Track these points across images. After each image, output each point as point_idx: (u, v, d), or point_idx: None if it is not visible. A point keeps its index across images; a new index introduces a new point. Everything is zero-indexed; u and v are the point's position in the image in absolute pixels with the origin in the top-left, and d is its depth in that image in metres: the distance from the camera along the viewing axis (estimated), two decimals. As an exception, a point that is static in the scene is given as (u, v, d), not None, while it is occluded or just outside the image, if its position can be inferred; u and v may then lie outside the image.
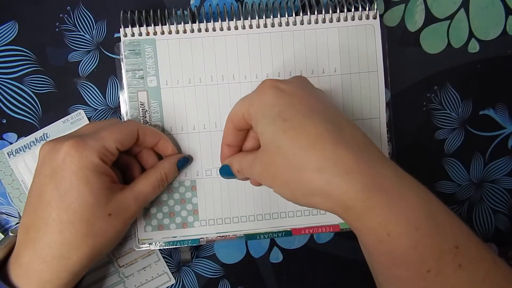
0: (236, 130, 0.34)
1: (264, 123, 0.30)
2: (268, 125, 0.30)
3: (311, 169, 0.28)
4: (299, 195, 0.29)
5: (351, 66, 0.39)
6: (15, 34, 0.40)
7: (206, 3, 0.40)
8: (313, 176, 0.28)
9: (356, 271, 0.42)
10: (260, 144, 0.31)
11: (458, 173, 0.42)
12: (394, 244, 0.27)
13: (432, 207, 0.28)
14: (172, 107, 0.39)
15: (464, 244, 0.27)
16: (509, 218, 0.43)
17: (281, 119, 0.29)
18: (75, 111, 0.40)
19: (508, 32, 0.41)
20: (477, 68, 0.42)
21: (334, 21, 0.38)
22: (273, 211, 0.39)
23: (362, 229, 0.28)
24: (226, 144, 0.36)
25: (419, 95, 0.41)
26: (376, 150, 0.30)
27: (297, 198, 0.30)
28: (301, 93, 0.31)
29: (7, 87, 0.40)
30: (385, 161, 0.29)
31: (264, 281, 0.41)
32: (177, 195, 0.39)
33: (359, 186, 0.27)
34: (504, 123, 0.42)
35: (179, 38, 0.38)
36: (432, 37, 0.41)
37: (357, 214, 0.27)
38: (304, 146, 0.28)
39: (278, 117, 0.29)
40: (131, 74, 0.38)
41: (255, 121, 0.31)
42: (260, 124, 0.30)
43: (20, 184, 0.39)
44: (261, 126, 0.30)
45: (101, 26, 0.40)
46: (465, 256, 0.26)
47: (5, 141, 0.40)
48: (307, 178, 0.28)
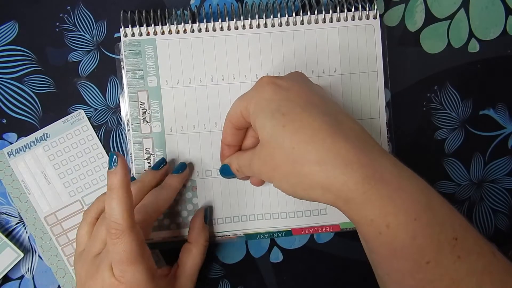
0: (235, 129, 0.34)
1: (262, 118, 0.30)
2: (267, 120, 0.30)
3: (310, 162, 0.28)
4: (299, 189, 0.29)
5: (351, 66, 0.39)
6: (15, 34, 0.40)
7: (206, 3, 0.40)
8: (312, 169, 0.28)
9: (356, 271, 0.42)
10: (258, 142, 0.32)
11: (458, 173, 0.42)
12: (393, 236, 0.27)
13: (431, 199, 0.28)
14: (172, 107, 0.39)
15: (463, 235, 0.27)
16: (509, 218, 0.43)
17: (279, 114, 0.29)
18: (75, 111, 0.40)
19: (508, 32, 0.41)
20: (477, 68, 0.42)
21: (334, 21, 0.38)
22: (273, 211, 0.39)
23: (362, 221, 0.28)
24: (226, 144, 0.36)
25: (419, 95, 0.41)
26: (374, 143, 0.30)
27: (297, 192, 0.30)
28: (298, 88, 0.31)
29: (7, 87, 0.40)
30: (384, 153, 0.29)
31: (264, 281, 0.41)
32: (177, 196, 0.39)
33: (359, 178, 0.27)
34: (504, 123, 0.42)
35: (179, 38, 0.38)
36: (432, 37, 0.41)
37: (356, 205, 0.27)
38: (303, 139, 0.28)
39: (276, 112, 0.29)
40: (131, 74, 0.38)
41: (253, 117, 0.31)
42: (258, 119, 0.30)
43: (20, 184, 0.39)
44: (260, 121, 0.30)
45: (101, 26, 0.40)
46: (464, 247, 0.27)
47: (5, 141, 0.40)
48: (307, 171, 0.28)
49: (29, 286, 0.40)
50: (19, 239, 0.40)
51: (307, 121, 0.29)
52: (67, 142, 0.40)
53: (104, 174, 0.40)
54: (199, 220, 0.38)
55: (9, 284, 0.40)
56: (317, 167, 0.27)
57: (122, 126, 0.40)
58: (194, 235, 0.37)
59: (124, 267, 0.30)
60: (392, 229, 0.27)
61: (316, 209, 0.39)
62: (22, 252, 0.39)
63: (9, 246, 0.39)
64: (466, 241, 0.27)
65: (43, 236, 0.40)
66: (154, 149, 0.39)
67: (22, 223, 0.40)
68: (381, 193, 0.27)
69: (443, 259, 0.26)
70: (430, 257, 0.26)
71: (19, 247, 0.39)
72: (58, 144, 0.40)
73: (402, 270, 0.28)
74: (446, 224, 0.27)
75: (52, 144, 0.40)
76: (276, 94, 0.30)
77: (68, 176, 0.40)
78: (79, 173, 0.40)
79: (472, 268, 0.27)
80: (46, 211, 0.39)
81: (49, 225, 0.39)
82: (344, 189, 0.27)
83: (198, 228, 0.37)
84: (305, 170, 0.28)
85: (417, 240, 0.26)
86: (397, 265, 0.28)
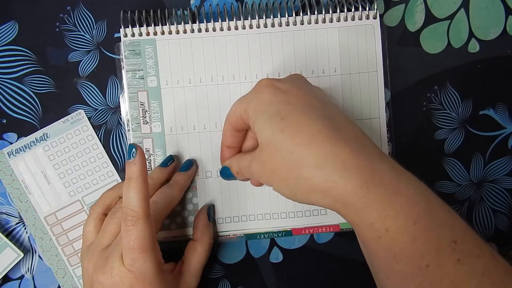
0: (234, 131, 0.34)
1: (261, 122, 0.30)
2: (266, 124, 0.30)
3: (309, 166, 0.28)
4: (298, 193, 0.29)
5: (351, 66, 0.39)
6: (15, 34, 0.40)
7: (206, 3, 0.40)
8: (311, 172, 0.28)
9: (356, 271, 0.42)
10: (258, 145, 0.31)
11: (458, 173, 0.42)
12: (392, 239, 0.27)
13: (430, 202, 0.28)
14: (172, 107, 0.39)
15: (463, 239, 0.27)
16: (509, 218, 0.43)
17: (278, 117, 0.29)
18: (75, 111, 0.40)
19: (508, 32, 0.41)
20: (477, 68, 0.42)
21: (334, 21, 0.38)
22: (273, 211, 0.39)
23: (361, 225, 0.28)
24: (226, 146, 0.36)
25: (419, 95, 0.41)
26: (374, 146, 0.30)
27: (296, 196, 0.30)
28: (298, 91, 0.31)
29: (7, 87, 0.40)
30: (383, 157, 0.29)
31: (264, 281, 0.41)
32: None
33: (358, 182, 0.27)
34: (504, 123, 0.42)
35: (179, 38, 0.38)
36: (432, 37, 0.41)
37: (356, 209, 0.27)
38: (302, 143, 0.28)
39: (275, 116, 0.29)
40: (131, 74, 0.38)
41: (252, 120, 0.31)
42: (257, 123, 0.30)
43: (20, 184, 0.39)
44: (259, 125, 0.30)
45: (101, 26, 0.40)
46: (463, 250, 0.27)
47: (5, 141, 0.40)
48: (306, 175, 0.28)
49: (29, 286, 0.40)
50: (19, 239, 0.40)
51: (305, 125, 0.28)
52: (67, 142, 0.40)
53: (103, 174, 0.40)
54: (203, 218, 0.38)
55: (9, 284, 0.40)
56: (316, 171, 0.27)
57: (122, 126, 0.40)
58: (198, 233, 0.37)
59: (136, 254, 0.30)
60: (392, 233, 0.27)
61: (316, 209, 0.40)
62: (22, 252, 0.39)
63: (9, 246, 0.39)
64: (466, 243, 0.27)
65: (43, 236, 0.40)
66: (154, 149, 0.39)
67: (22, 223, 0.40)
68: (380, 197, 0.27)
69: (443, 262, 0.26)
70: (430, 260, 0.26)
71: (19, 247, 0.39)
72: (58, 144, 0.40)
73: (402, 273, 0.28)
74: (446, 227, 0.27)
75: (52, 144, 0.40)
76: (275, 97, 0.30)
77: (68, 176, 0.40)
78: (79, 173, 0.40)
79: (472, 270, 0.26)
80: (46, 211, 0.39)
81: (49, 225, 0.40)
82: (343, 193, 0.27)
83: (203, 226, 0.38)
84: (304, 174, 0.28)
85: (416, 244, 0.26)
86: (397, 268, 0.28)
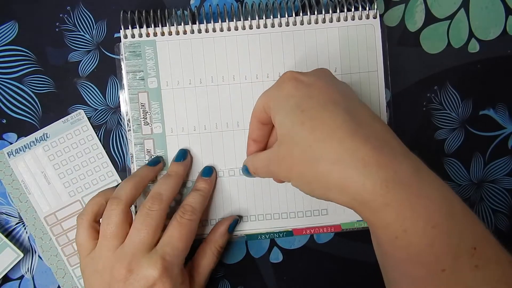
0: (260, 124, 0.34)
1: (281, 114, 0.30)
2: (286, 116, 0.29)
3: (327, 161, 0.27)
4: (316, 189, 0.29)
5: (351, 66, 0.39)
6: (15, 34, 0.40)
7: (206, 3, 0.40)
8: (329, 168, 0.27)
9: (356, 271, 0.42)
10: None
11: (458, 173, 0.42)
12: (410, 241, 0.26)
13: (452, 206, 0.27)
14: (173, 108, 0.39)
15: (482, 245, 0.26)
16: (509, 218, 0.43)
17: (299, 110, 0.29)
18: (75, 111, 0.40)
19: (508, 32, 0.41)
20: (477, 68, 0.42)
21: (334, 21, 0.38)
22: (274, 211, 0.39)
23: (378, 224, 0.27)
24: (252, 139, 0.35)
25: (419, 95, 0.41)
26: (398, 144, 0.29)
27: (314, 192, 0.29)
28: (320, 84, 0.30)
29: (7, 87, 0.40)
30: (407, 155, 0.28)
31: (264, 281, 0.42)
32: (178, 196, 0.39)
33: (377, 180, 0.26)
34: (504, 123, 0.42)
35: (179, 39, 0.38)
36: (432, 37, 0.41)
37: (373, 208, 0.26)
38: (321, 137, 0.27)
39: (296, 108, 0.29)
40: (132, 76, 0.38)
41: (274, 113, 0.31)
42: (278, 115, 0.30)
43: (20, 184, 0.39)
44: (279, 117, 0.30)
45: (101, 26, 0.40)
46: (482, 257, 0.26)
47: (5, 141, 0.40)
48: (323, 170, 0.27)
49: (29, 286, 0.40)
50: (19, 239, 0.40)
51: (326, 119, 0.28)
52: (67, 142, 0.40)
53: (103, 174, 0.40)
54: (225, 226, 0.38)
55: (9, 284, 0.40)
56: (334, 167, 0.27)
57: (122, 126, 0.40)
58: (213, 237, 0.38)
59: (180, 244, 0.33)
60: (409, 234, 0.26)
61: (316, 209, 0.40)
62: (22, 252, 0.39)
63: (9, 246, 0.39)
64: (485, 250, 0.26)
65: (43, 236, 0.40)
66: (155, 150, 0.39)
67: (22, 223, 0.40)
68: (400, 197, 0.26)
69: (459, 268, 0.26)
70: (446, 265, 0.26)
71: (19, 247, 0.39)
72: (58, 144, 0.40)
73: (415, 275, 0.27)
74: (466, 233, 0.26)
75: (52, 144, 0.40)
76: (297, 90, 0.30)
77: (68, 176, 0.40)
78: (79, 173, 0.40)
79: (488, 277, 0.26)
80: (46, 211, 0.39)
81: (49, 225, 0.40)
82: (361, 191, 0.26)
83: (220, 233, 0.38)
84: (321, 169, 0.27)
85: (434, 248, 0.26)
86: (411, 270, 0.27)
